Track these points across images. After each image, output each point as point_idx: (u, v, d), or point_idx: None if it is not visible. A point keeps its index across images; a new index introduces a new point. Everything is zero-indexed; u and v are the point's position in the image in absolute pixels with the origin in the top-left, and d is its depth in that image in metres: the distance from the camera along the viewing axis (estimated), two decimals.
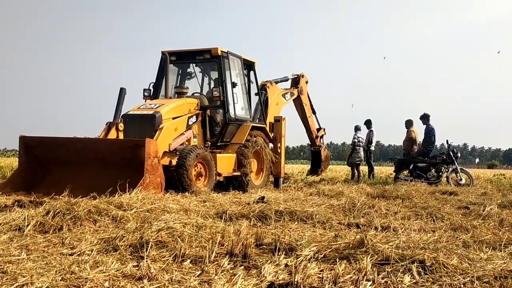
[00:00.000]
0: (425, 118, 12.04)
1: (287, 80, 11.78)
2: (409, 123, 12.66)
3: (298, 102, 12.03)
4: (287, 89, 11.62)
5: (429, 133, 11.92)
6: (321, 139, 12.89)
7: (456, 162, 11.27)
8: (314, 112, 12.58)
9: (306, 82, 12.15)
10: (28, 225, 3.99)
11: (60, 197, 5.20)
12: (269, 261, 3.12)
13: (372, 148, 13.40)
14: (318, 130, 12.79)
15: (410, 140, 12.52)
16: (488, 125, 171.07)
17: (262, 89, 10.52)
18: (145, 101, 8.75)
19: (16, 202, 5.39)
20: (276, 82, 11.16)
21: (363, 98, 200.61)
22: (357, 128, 13.27)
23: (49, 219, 4.12)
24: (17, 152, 8.03)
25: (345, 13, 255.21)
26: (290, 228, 4.42)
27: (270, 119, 10.30)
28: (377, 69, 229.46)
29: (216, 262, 3.09)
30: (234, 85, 8.96)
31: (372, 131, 13.24)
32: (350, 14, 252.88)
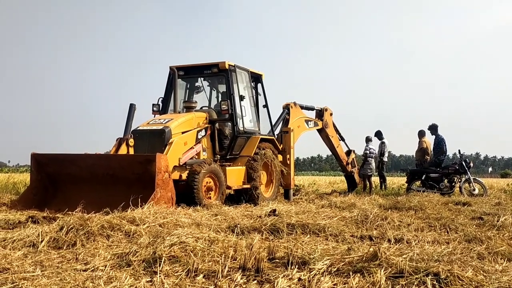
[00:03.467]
0: (433, 128, 12.02)
1: (312, 109, 11.92)
2: (421, 134, 12.68)
3: (324, 135, 12.20)
4: (311, 118, 11.75)
5: (439, 143, 11.86)
6: (353, 163, 12.97)
7: (468, 172, 11.17)
8: (342, 139, 12.71)
9: (331, 114, 12.29)
10: (42, 241, 4.02)
11: (74, 212, 5.24)
12: (282, 275, 3.10)
13: (385, 159, 13.36)
14: (348, 153, 12.88)
15: (421, 150, 12.50)
16: (501, 133, 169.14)
17: (286, 108, 10.80)
18: (154, 116, 8.83)
19: (30, 218, 5.45)
20: (301, 107, 11.29)
21: (374, 105, 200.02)
22: (368, 139, 13.24)
23: (62, 235, 4.15)
24: (29, 168, 8.11)
25: (354, 17, 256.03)
26: (303, 241, 4.39)
27: None
28: (388, 74, 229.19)
29: (229, 277, 3.08)
30: (242, 98, 9.01)
31: (384, 142, 13.23)
32: (359, 18, 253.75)
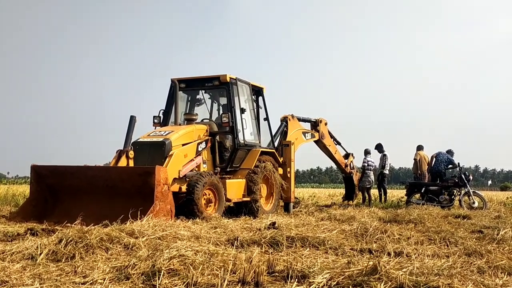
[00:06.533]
0: (449, 152, 12.30)
1: (309, 121, 12.06)
2: (418, 148, 12.93)
3: (321, 145, 12.32)
4: (308, 130, 11.88)
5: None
6: (351, 165, 13.09)
7: (468, 185, 11.17)
8: (338, 143, 12.84)
9: (326, 124, 12.41)
10: (41, 254, 4.00)
11: (73, 225, 5.23)
12: None
13: (386, 171, 13.40)
14: (347, 156, 13.00)
15: (414, 162, 12.77)
16: (501, 146, 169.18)
17: (283, 121, 10.92)
18: (155, 128, 8.85)
19: (29, 230, 5.43)
20: (299, 119, 11.41)
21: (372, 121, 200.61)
22: (366, 152, 13.29)
23: (61, 247, 4.13)
24: (29, 179, 8.11)
25: (364, 30, 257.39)
26: (302, 255, 4.39)
27: None
28: (389, 89, 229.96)
29: None
30: (243, 111, 9.05)
31: (385, 155, 13.29)
32: (368, 31, 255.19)
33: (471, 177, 11.45)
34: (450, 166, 12.02)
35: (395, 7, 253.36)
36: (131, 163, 7.35)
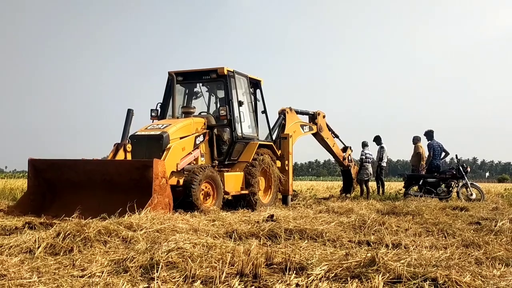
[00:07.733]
0: (428, 134, 12.15)
1: (307, 114, 12.07)
2: (416, 139, 12.87)
3: (319, 138, 12.35)
4: (306, 122, 11.89)
5: (428, 149, 12.08)
6: (349, 158, 13.12)
7: (466, 177, 11.19)
8: (336, 136, 12.85)
9: (324, 117, 12.41)
10: (39, 247, 4.00)
11: (70, 218, 5.22)
12: (279, 281, 3.10)
13: (384, 164, 13.40)
14: (345, 150, 13.01)
15: (418, 155, 12.64)
16: (498, 138, 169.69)
17: (281, 114, 10.93)
18: (153, 122, 8.82)
19: (27, 224, 5.42)
20: (297, 112, 11.40)
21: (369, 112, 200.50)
22: (364, 144, 13.29)
23: (59, 241, 4.13)
24: (26, 173, 8.08)
25: (361, 27, 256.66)
26: (300, 247, 4.38)
27: None
28: (385, 82, 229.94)
29: (226, 283, 3.08)
30: (240, 103, 9.02)
31: (383, 147, 13.30)
32: (365, 27, 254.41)
33: (468, 169, 11.47)
34: (443, 155, 12.00)
35: (396, 7, 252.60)
36: (129, 157, 7.33)
